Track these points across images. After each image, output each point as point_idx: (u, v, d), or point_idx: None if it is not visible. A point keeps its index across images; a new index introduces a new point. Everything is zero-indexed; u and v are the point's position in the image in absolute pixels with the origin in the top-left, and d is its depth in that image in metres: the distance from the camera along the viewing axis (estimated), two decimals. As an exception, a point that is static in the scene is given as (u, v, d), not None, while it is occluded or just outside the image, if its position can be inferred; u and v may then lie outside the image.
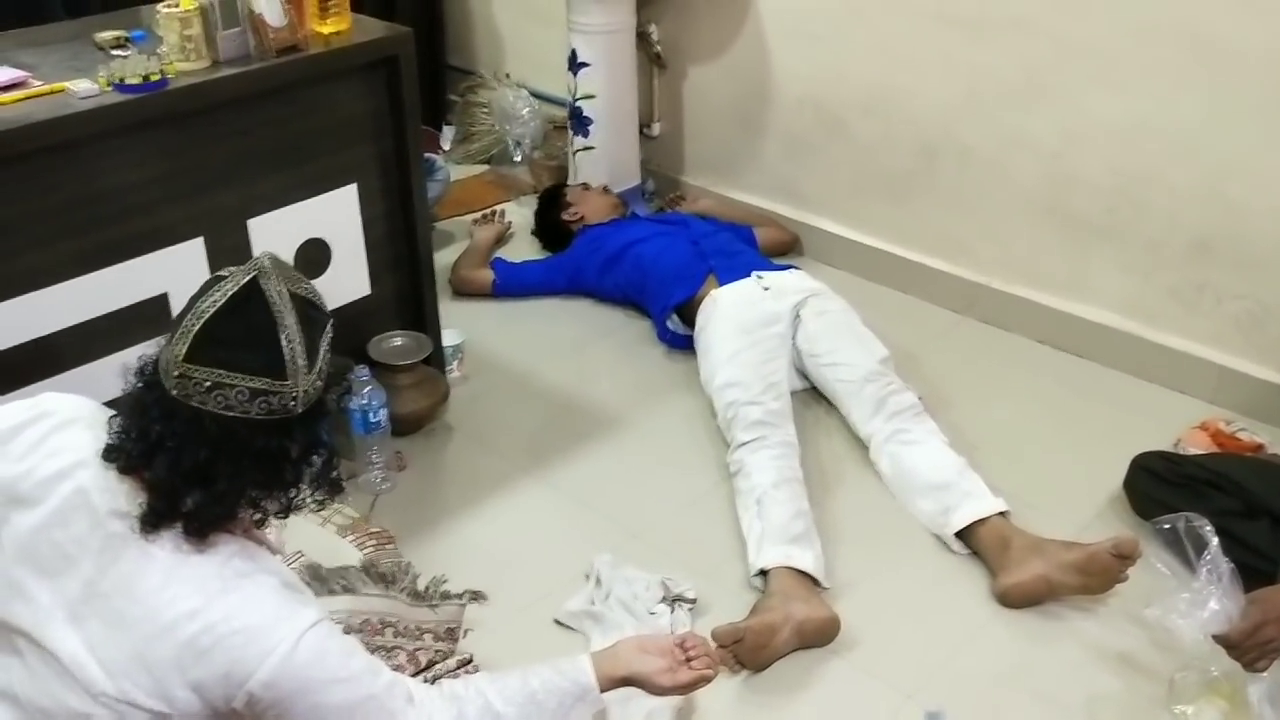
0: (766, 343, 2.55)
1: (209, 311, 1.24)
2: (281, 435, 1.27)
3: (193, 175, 2.05)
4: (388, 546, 2.18)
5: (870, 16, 2.97)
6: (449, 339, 2.69)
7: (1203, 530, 1.79)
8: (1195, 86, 2.48)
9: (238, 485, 1.27)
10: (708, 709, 1.86)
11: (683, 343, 2.83)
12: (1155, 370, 2.73)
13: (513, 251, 3.37)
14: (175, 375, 1.23)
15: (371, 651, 1.44)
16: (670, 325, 2.86)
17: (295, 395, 1.26)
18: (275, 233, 2.18)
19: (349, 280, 2.38)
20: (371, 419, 2.30)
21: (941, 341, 2.93)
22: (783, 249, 3.30)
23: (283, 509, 1.34)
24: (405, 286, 2.51)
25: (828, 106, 3.16)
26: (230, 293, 1.25)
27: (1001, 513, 2.18)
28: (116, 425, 1.29)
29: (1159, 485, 2.21)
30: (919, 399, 2.45)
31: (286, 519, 1.38)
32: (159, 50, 1.99)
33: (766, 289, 2.69)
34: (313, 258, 2.28)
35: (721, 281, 2.73)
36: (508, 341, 2.92)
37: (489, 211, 3.54)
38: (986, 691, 1.91)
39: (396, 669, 1.69)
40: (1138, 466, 2.28)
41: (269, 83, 2.09)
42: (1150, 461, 2.26)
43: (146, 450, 1.25)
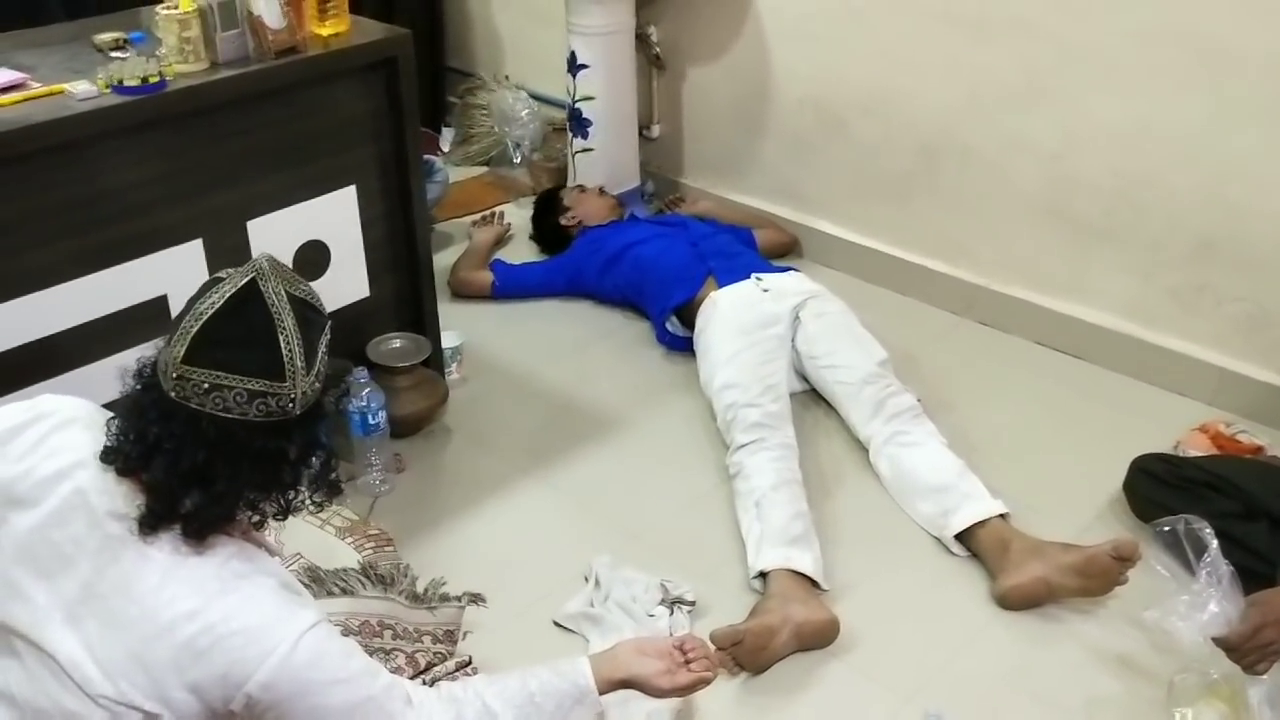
0: (765, 345, 2.55)
1: (207, 313, 1.24)
2: (280, 437, 1.27)
3: (192, 177, 2.05)
4: (386, 548, 2.17)
5: (870, 18, 2.96)
6: (448, 341, 2.69)
7: (1202, 532, 1.79)
8: (1196, 89, 2.48)
9: (236, 487, 1.27)
10: (707, 711, 1.86)
11: (682, 344, 2.83)
12: (1155, 372, 2.73)
13: (512, 253, 3.37)
14: (174, 377, 1.23)
15: (370, 653, 1.44)
16: (669, 327, 2.86)
17: (293, 397, 1.26)
18: (274, 234, 2.18)
19: (348, 282, 2.38)
20: (370, 421, 2.30)
21: (941, 343, 2.93)
22: (782, 251, 3.30)
23: (281, 511, 1.34)
24: (404, 288, 2.51)
25: (827, 108, 3.16)
26: (229, 294, 1.25)
27: (1001, 515, 2.18)
28: (115, 427, 1.29)
29: (1159, 487, 2.20)
30: (918, 401, 2.45)
31: (285, 521, 1.37)
32: (158, 52, 2.00)
33: (766, 291, 2.69)
34: (312, 259, 2.28)
35: (721, 283, 2.73)
36: (507, 343, 2.92)
37: (488, 213, 3.55)
38: (986, 694, 1.91)
39: (395, 671, 1.69)
40: (1137, 469, 2.27)
41: (268, 84, 2.09)
42: (1150, 464, 2.26)
43: (145, 452, 1.25)
